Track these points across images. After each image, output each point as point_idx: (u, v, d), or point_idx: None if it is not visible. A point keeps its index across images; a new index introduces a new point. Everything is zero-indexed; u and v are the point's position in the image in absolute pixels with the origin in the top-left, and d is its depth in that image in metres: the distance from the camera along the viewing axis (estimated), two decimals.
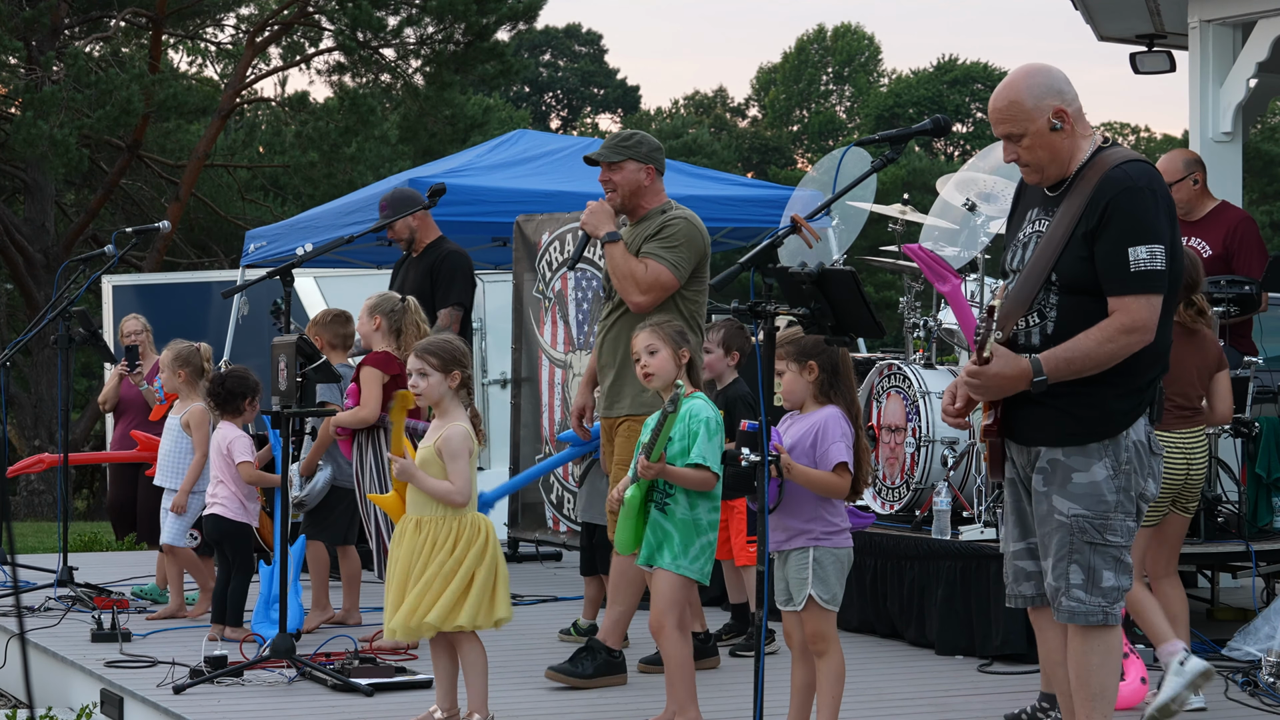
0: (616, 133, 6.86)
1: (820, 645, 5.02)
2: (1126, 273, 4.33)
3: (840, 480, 4.98)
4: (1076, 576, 4.45)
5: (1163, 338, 4.47)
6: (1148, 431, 4.50)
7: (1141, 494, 4.48)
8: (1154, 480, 4.52)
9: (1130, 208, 4.36)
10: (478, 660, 5.61)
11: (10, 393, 17.29)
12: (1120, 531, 4.45)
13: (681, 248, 6.43)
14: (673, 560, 5.39)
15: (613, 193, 6.60)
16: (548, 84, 57.17)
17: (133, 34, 26.13)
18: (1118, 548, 4.45)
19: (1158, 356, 4.47)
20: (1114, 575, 4.46)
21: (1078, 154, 4.52)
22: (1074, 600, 4.46)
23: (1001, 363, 4.40)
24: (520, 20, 25.19)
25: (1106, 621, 4.47)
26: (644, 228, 6.56)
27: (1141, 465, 4.46)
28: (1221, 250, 8.12)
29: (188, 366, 8.21)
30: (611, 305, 6.58)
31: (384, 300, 7.33)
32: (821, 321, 4.41)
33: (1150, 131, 60.17)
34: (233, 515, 7.39)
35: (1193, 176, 8.22)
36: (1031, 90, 4.49)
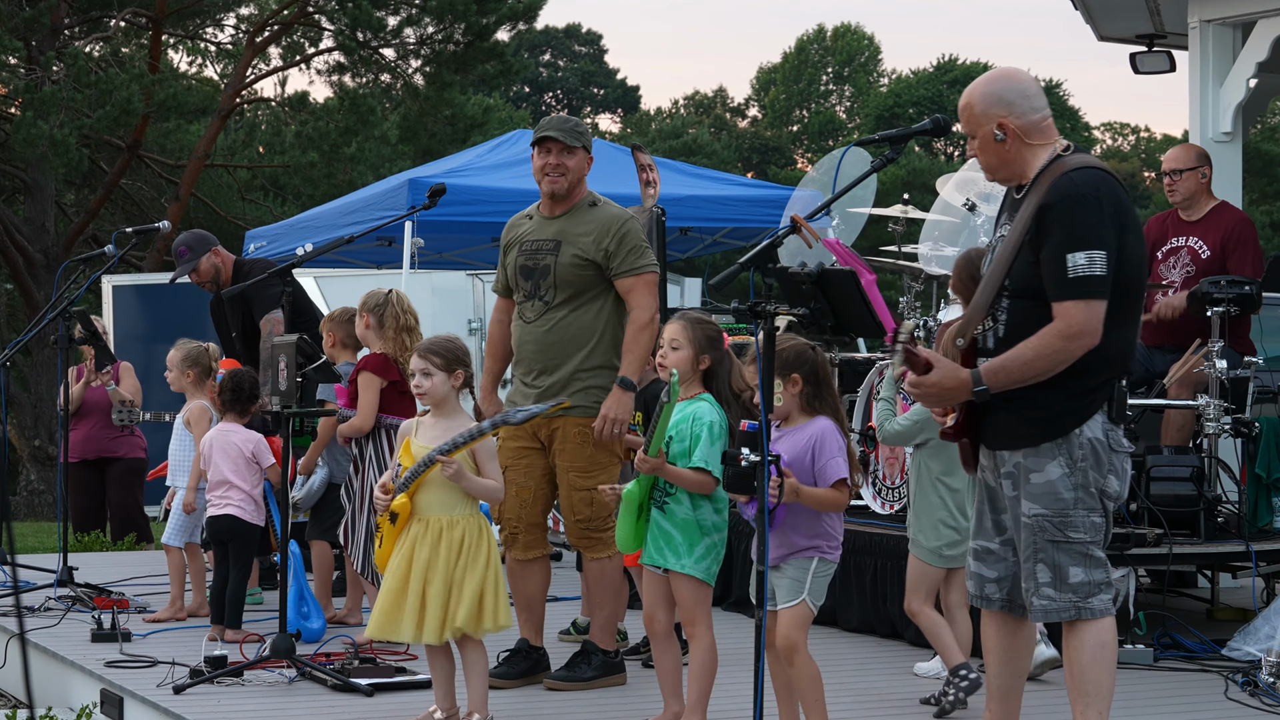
0: (563, 117, 6.67)
1: (790, 653, 5.04)
2: (1065, 278, 4.42)
3: (841, 496, 5.04)
4: (1044, 575, 4.54)
5: (1118, 340, 4.53)
6: (1106, 429, 4.55)
7: (1104, 491, 4.54)
8: (1116, 478, 4.56)
9: (1071, 215, 4.45)
10: (479, 661, 5.62)
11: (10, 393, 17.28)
12: (1083, 527, 4.52)
13: (645, 245, 6.47)
14: (678, 561, 5.37)
15: (561, 177, 6.42)
16: (548, 84, 57.16)
17: (133, 34, 26.12)
18: (1083, 544, 4.52)
19: (1110, 360, 4.53)
20: (1083, 571, 4.53)
21: (1034, 161, 4.62)
22: (1044, 599, 4.56)
23: (940, 373, 4.50)
24: (520, 20, 25.17)
25: (1081, 616, 4.54)
26: (581, 225, 6.42)
27: (1099, 462, 4.52)
28: (1218, 251, 8.12)
29: (196, 366, 8.23)
30: (544, 305, 6.42)
31: (369, 298, 7.34)
32: (821, 321, 4.41)
33: (1150, 131, 60.25)
34: (248, 517, 7.41)
35: (1202, 170, 8.24)
36: (984, 97, 4.63)
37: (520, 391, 6.45)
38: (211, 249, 8.34)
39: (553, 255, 6.41)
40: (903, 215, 8.33)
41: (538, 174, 6.48)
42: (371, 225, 9.85)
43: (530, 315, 6.45)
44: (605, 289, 6.45)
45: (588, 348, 6.40)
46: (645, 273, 6.41)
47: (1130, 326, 4.60)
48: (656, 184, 9.46)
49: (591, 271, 6.40)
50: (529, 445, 6.42)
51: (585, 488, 6.32)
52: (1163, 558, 7.19)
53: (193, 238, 8.42)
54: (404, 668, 6.54)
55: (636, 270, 6.40)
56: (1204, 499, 7.44)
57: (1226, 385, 7.56)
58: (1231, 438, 7.73)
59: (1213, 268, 8.07)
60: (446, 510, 5.57)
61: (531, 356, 6.43)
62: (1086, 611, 4.55)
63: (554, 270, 6.40)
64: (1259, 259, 8.15)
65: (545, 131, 6.45)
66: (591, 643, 6.42)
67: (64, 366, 8.99)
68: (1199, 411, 7.65)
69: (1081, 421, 4.49)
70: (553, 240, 6.43)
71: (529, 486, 6.41)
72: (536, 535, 6.46)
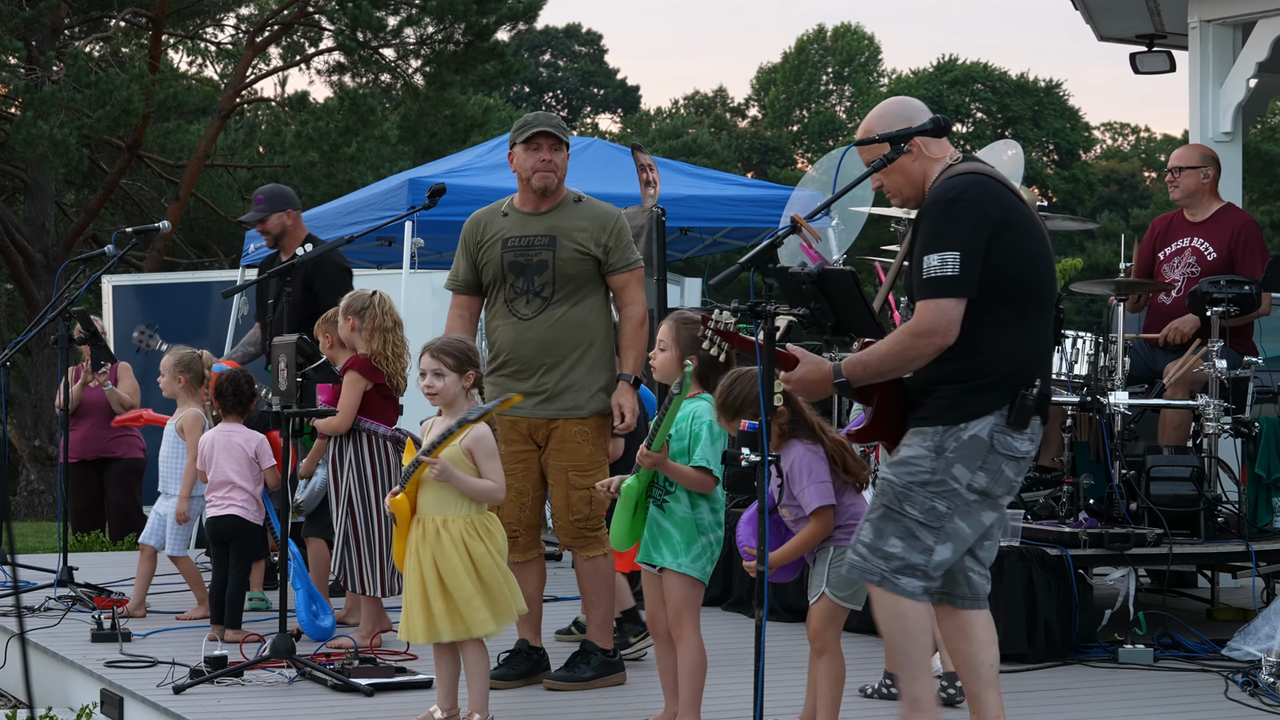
0: (548, 114, 6.62)
1: (819, 643, 5.08)
2: (921, 280, 4.55)
3: (824, 523, 5.09)
4: (866, 534, 4.66)
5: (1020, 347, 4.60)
6: (995, 430, 4.59)
7: (970, 485, 4.59)
8: (989, 477, 4.60)
9: (931, 218, 4.58)
10: (480, 661, 5.62)
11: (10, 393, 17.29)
12: (920, 508, 4.60)
13: (633, 244, 6.52)
14: (674, 559, 5.37)
15: (552, 173, 6.43)
16: (548, 84, 57.17)
17: (133, 34, 26.12)
18: (915, 522, 4.60)
19: (1006, 362, 4.59)
20: (903, 546, 4.61)
21: (930, 175, 4.73)
22: (856, 554, 4.68)
23: (805, 367, 4.64)
24: (520, 20, 25.18)
25: (883, 585, 4.62)
26: (574, 220, 6.43)
27: (971, 459, 4.58)
28: (1225, 254, 8.12)
29: (189, 372, 8.22)
30: (543, 301, 6.40)
31: (354, 299, 7.23)
32: (822, 321, 4.41)
33: (1150, 131, 60.27)
34: (250, 517, 7.42)
35: (1204, 170, 8.26)
36: (882, 119, 4.78)
37: (509, 389, 6.39)
38: (287, 209, 8.26)
39: (549, 250, 6.40)
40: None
41: (526, 170, 6.44)
42: (371, 225, 9.84)
43: (527, 312, 6.42)
44: (598, 284, 6.48)
45: (586, 345, 6.40)
46: (637, 267, 6.51)
47: (1034, 332, 4.64)
48: (656, 184, 9.46)
49: (590, 265, 6.42)
50: (525, 448, 6.42)
51: (584, 486, 6.32)
52: (1163, 558, 7.19)
53: (273, 190, 8.35)
54: (404, 668, 6.54)
55: (630, 265, 6.48)
56: (1204, 499, 7.44)
57: (1226, 385, 7.56)
58: (1231, 438, 7.74)
59: (1218, 269, 8.07)
60: (440, 510, 5.58)
61: (532, 354, 6.40)
62: (891, 585, 4.62)
63: (553, 265, 6.39)
64: (1264, 261, 8.15)
65: (541, 127, 6.42)
66: (590, 643, 6.42)
67: (64, 366, 8.99)
68: (1198, 411, 7.65)
69: (969, 418, 4.58)
70: (546, 235, 6.42)
71: (527, 490, 6.42)
72: (534, 536, 6.48)
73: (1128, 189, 52.59)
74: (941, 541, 4.62)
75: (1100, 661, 6.89)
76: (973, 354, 4.55)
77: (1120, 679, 6.60)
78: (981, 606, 4.79)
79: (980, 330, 4.54)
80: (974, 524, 4.66)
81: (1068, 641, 6.95)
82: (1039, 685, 6.48)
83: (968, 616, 4.78)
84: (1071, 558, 6.96)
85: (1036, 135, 52.10)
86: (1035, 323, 4.65)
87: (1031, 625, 6.90)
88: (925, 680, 4.71)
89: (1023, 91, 53.64)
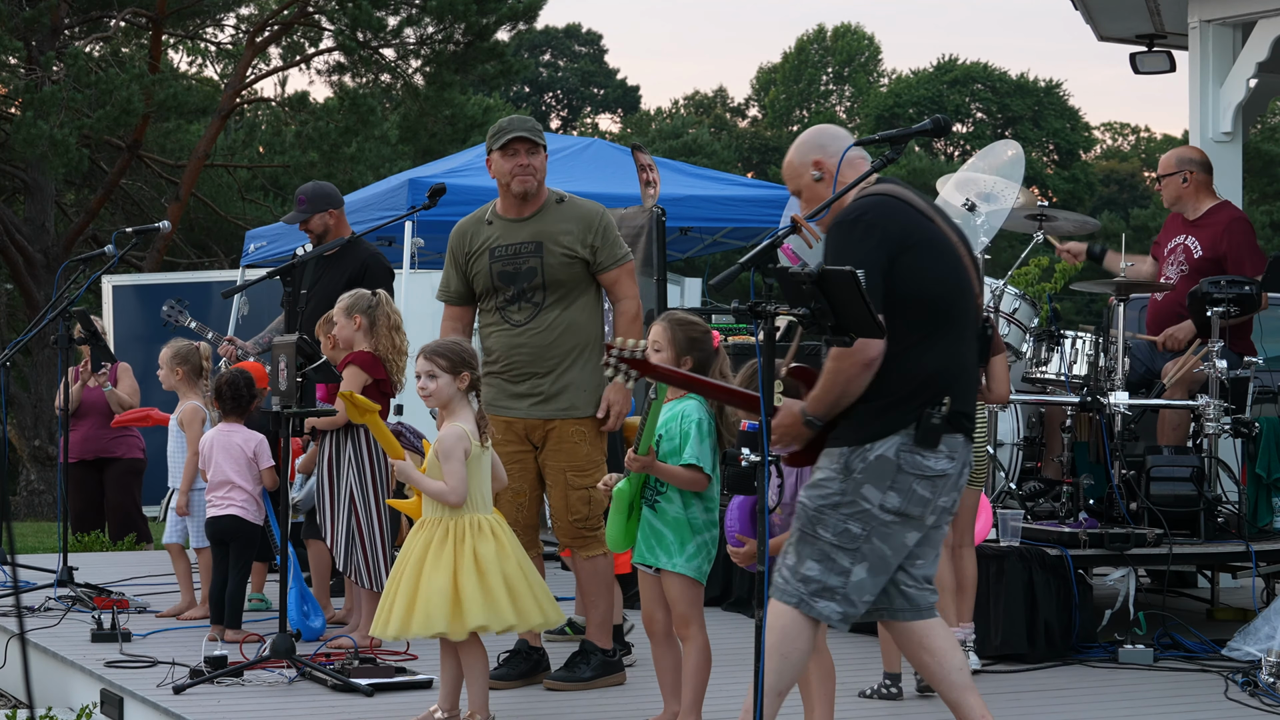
0: (522, 117, 6.58)
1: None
2: None
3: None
4: (789, 557, 4.69)
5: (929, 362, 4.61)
6: (901, 450, 4.60)
7: (883, 505, 4.60)
8: (901, 497, 4.60)
9: (832, 241, 4.65)
10: (479, 661, 5.63)
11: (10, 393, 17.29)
12: (833, 530, 4.60)
13: (619, 238, 6.53)
14: (669, 560, 5.37)
15: (531, 176, 6.40)
16: (548, 84, 57.16)
17: (133, 34, 26.12)
18: (829, 545, 4.61)
19: (910, 379, 4.60)
20: (819, 569, 4.62)
21: (846, 200, 4.78)
22: (780, 576, 4.69)
23: (781, 413, 4.73)
24: (520, 20, 25.17)
25: (800, 607, 4.63)
26: (558, 223, 6.41)
27: (879, 479, 4.58)
28: (1212, 251, 8.16)
29: (186, 365, 8.23)
30: (535, 307, 6.41)
31: (359, 299, 7.24)
32: (822, 321, 4.40)
33: (1150, 131, 60.27)
34: (250, 517, 7.42)
35: (1183, 174, 8.31)
36: (799, 149, 4.92)
37: (505, 392, 6.43)
38: (329, 209, 8.24)
39: (536, 257, 6.39)
40: None
41: (505, 176, 6.42)
42: (371, 225, 9.84)
43: (520, 318, 6.43)
44: (589, 284, 6.49)
45: (581, 347, 6.42)
46: (626, 262, 6.51)
47: (943, 351, 4.62)
48: (656, 184, 9.46)
49: (579, 268, 6.42)
50: (522, 448, 6.43)
51: (583, 486, 6.33)
52: (1163, 558, 7.19)
53: (315, 190, 8.31)
54: (404, 668, 6.54)
55: (619, 261, 6.48)
56: (1204, 499, 7.45)
57: (1226, 385, 7.57)
58: (1231, 438, 7.74)
59: (1205, 266, 8.11)
60: (435, 511, 5.66)
61: (526, 360, 6.41)
62: (808, 608, 4.63)
63: (541, 271, 6.39)
64: (1256, 255, 8.17)
65: (517, 132, 6.39)
66: (590, 642, 6.42)
67: (64, 366, 8.99)
68: (1198, 412, 7.66)
69: (874, 438, 4.59)
70: (532, 242, 6.41)
71: (524, 490, 6.43)
72: (532, 536, 6.48)
73: (1128, 189, 52.58)
74: (858, 562, 4.62)
75: (1100, 661, 6.89)
76: (879, 374, 4.55)
77: (1120, 679, 6.60)
78: (925, 617, 4.78)
79: (885, 350, 4.54)
80: (895, 545, 4.65)
81: (1068, 641, 6.96)
82: (1039, 685, 6.48)
83: (918, 629, 4.77)
84: (1071, 558, 6.96)
85: (1036, 135, 52.10)
86: (945, 341, 4.65)
87: (1031, 625, 6.90)
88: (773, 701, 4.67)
89: (1023, 91, 53.64)
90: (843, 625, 4.69)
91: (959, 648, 4.82)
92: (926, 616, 4.78)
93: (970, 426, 4.75)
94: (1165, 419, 7.89)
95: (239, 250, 15.08)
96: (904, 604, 4.78)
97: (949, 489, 4.70)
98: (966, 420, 4.72)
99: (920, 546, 4.75)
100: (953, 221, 4.90)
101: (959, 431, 4.69)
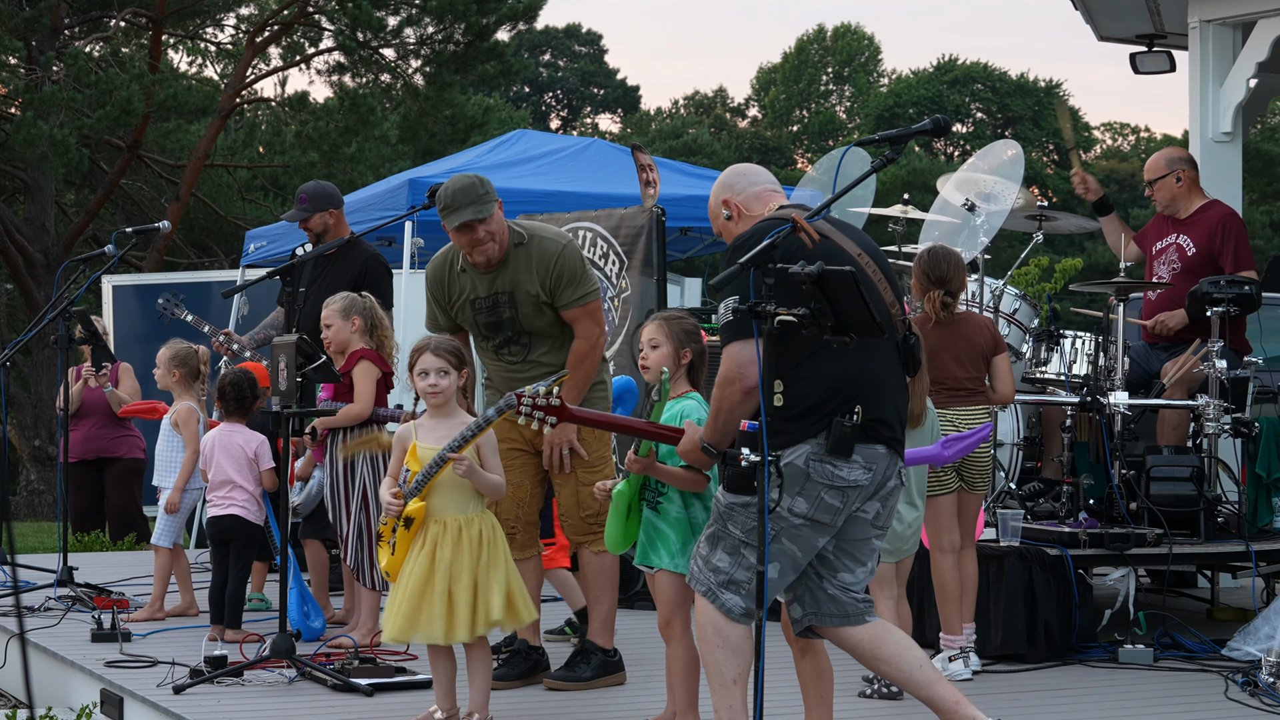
0: (458, 187, 6.26)
1: (800, 644, 5.07)
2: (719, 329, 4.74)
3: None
4: (703, 547, 4.77)
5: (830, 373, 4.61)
6: (811, 459, 4.61)
7: (791, 510, 4.63)
8: (809, 503, 4.62)
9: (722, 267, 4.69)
10: (483, 661, 5.62)
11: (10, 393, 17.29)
12: (743, 528, 4.67)
13: (583, 271, 6.38)
14: (670, 560, 5.37)
15: (490, 243, 6.28)
16: (548, 84, 57.17)
17: (133, 34, 26.11)
18: (739, 541, 4.68)
19: (815, 387, 4.61)
20: (729, 562, 4.70)
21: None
22: (695, 564, 4.79)
23: (684, 440, 4.97)
24: (520, 20, 25.17)
25: (707, 596, 4.71)
26: (522, 269, 6.32)
27: (789, 485, 4.61)
28: (1205, 249, 8.19)
29: (184, 367, 8.25)
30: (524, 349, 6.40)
31: (354, 301, 7.27)
32: (822, 321, 4.40)
33: (1150, 131, 60.24)
34: (251, 518, 7.42)
35: (1175, 174, 8.34)
36: (714, 192, 5.09)
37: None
38: (329, 209, 8.25)
39: (511, 307, 6.37)
40: (903, 215, 8.33)
41: (463, 248, 6.30)
42: (371, 225, 9.84)
43: (514, 358, 6.46)
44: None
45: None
46: (588, 302, 6.36)
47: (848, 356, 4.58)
48: (656, 184, 9.45)
49: (550, 311, 6.37)
50: (520, 447, 6.43)
51: (593, 481, 6.33)
52: (1163, 558, 7.19)
53: (317, 190, 8.32)
54: (404, 668, 6.54)
55: (580, 300, 6.34)
56: (1204, 499, 7.45)
57: (1226, 385, 7.57)
58: (1231, 438, 7.74)
59: (1198, 264, 8.13)
60: (461, 509, 5.58)
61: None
62: (714, 598, 4.70)
63: (519, 321, 6.38)
64: (1248, 252, 8.20)
65: (461, 218, 6.20)
66: (591, 642, 6.42)
67: (64, 366, 8.99)
68: (1198, 411, 7.66)
69: (784, 445, 4.61)
70: (505, 292, 6.38)
71: (525, 486, 6.43)
72: (531, 534, 6.49)
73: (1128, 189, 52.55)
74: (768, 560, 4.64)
75: (1100, 661, 6.89)
76: (787, 386, 4.55)
77: (1120, 679, 6.61)
78: (859, 623, 4.77)
79: (789, 363, 4.57)
80: (804, 546, 4.69)
81: (1068, 641, 6.96)
82: (1039, 685, 6.48)
83: (866, 642, 4.77)
84: (1071, 558, 6.96)
85: (1036, 135, 52.11)
86: (847, 350, 4.60)
87: (1031, 625, 6.90)
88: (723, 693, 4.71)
89: (1023, 91, 53.65)
90: (745, 620, 4.72)
91: (913, 646, 4.81)
92: (856, 623, 4.78)
93: (891, 437, 4.71)
94: (1165, 419, 7.89)
95: (239, 250, 15.07)
96: (832, 609, 4.79)
97: (861, 499, 4.69)
98: (885, 429, 4.69)
99: (842, 556, 4.77)
100: (861, 235, 4.93)
101: (878, 442, 4.67)
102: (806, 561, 4.73)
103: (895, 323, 4.83)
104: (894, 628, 4.87)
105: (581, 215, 9.70)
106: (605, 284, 9.43)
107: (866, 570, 4.84)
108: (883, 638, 4.78)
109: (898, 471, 4.79)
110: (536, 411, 5.06)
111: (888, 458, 4.71)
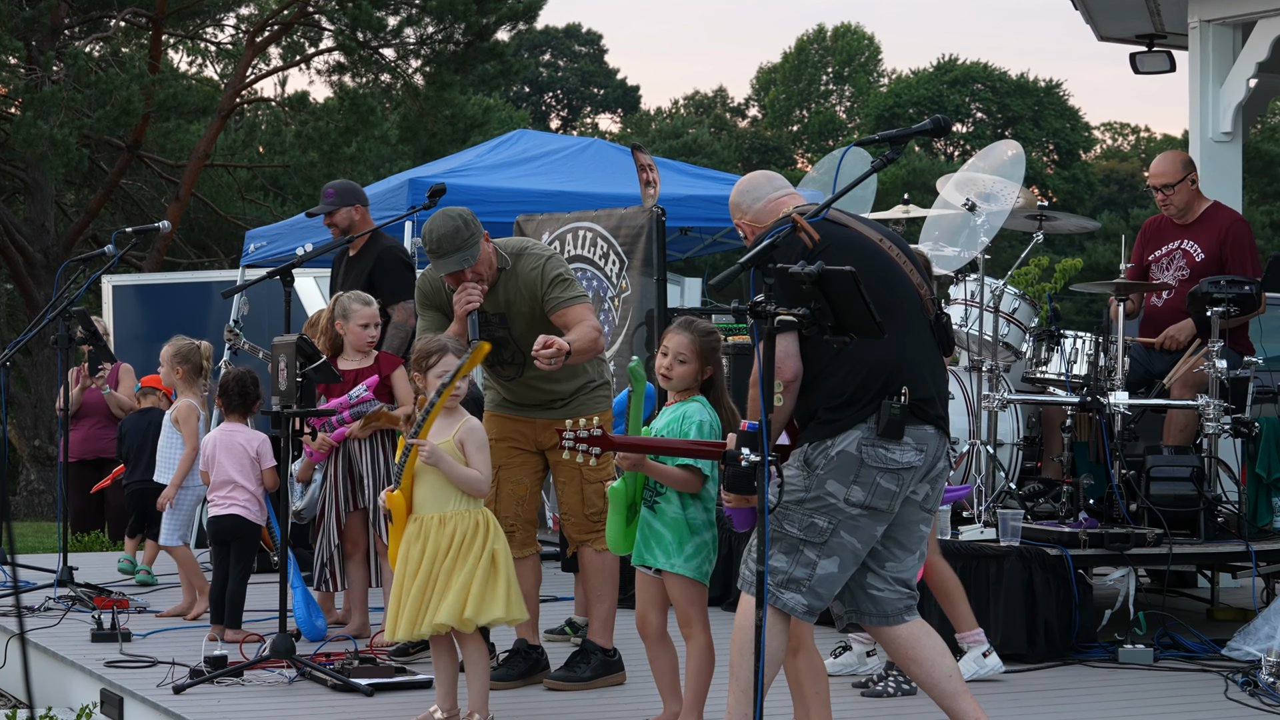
0: (443, 232, 6.14)
1: (793, 641, 5.06)
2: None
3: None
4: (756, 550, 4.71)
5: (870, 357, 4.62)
6: (863, 444, 4.63)
7: (848, 499, 4.63)
8: (865, 490, 4.63)
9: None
10: (480, 660, 5.62)
11: (10, 393, 17.29)
12: (799, 525, 4.66)
13: (568, 277, 6.34)
14: (667, 560, 5.36)
15: (480, 282, 6.25)
16: (548, 84, 57.17)
17: (133, 34, 26.12)
18: (795, 540, 4.67)
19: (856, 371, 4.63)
20: (787, 562, 4.68)
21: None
22: (747, 568, 4.74)
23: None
24: (520, 20, 25.18)
25: (768, 601, 4.65)
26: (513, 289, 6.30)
27: (843, 474, 4.62)
28: (1215, 254, 8.12)
29: (187, 364, 8.25)
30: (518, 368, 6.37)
31: (370, 307, 7.35)
32: (822, 321, 4.40)
33: (1150, 131, 60.25)
34: (252, 517, 7.43)
35: (1190, 178, 8.25)
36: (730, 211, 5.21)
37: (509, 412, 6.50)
38: (355, 204, 8.31)
39: (504, 328, 6.36)
40: (903, 215, 8.33)
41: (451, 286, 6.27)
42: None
43: (510, 374, 6.46)
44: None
45: (578, 376, 6.45)
46: (576, 303, 6.28)
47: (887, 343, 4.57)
48: (656, 184, 9.46)
49: (545, 324, 6.34)
50: (520, 446, 6.45)
51: (598, 480, 6.35)
52: (1163, 558, 7.19)
53: (343, 185, 8.42)
54: (404, 668, 6.54)
55: (569, 301, 6.28)
56: (1204, 499, 7.45)
57: (1226, 385, 7.56)
58: (1231, 438, 7.74)
59: (1208, 270, 8.08)
60: (438, 507, 5.60)
61: (526, 397, 6.48)
62: (774, 599, 4.68)
63: (513, 341, 6.37)
64: (1257, 259, 8.16)
65: (447, 268, 6.18)
66: (591, 642, 6.42)
67: (64, 366, 8.99)
68: (1198, 411, 7.65)
69: (835, 434, 4.63)
70: (496, 313, 6.37)
71: (524, 484, 6.44)
72: (530, 533, 6.49)
73: (1128, 189, 52.58)
74: (826, 556, 4.66)
75: (1100, 661, 6.89)
76: (828, 375, 4.60)
77: (1120, 679, 6.61)
78: (895, 624, 4.79)
79: (827, 352, 4.59)
80: (863, 537, 4.69)
81: (1068, 641, 6.96)
82: (1039, 685, 6.48)
83: (903, 640, 4.78)
84: (1071, 558, 6.96)
85: (1036, 135, 52.11)
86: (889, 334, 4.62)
87: (1031, 625, 6.90)
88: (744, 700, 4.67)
89: (1023, 91, 53.65)
90: (809, 618, 4.72)
91: (946, 654, 4.82)
92: (896, 623, 4.79)
93: (937, 416, 4.74)
94: (1172, 419, 7.88)
95: (239, 250, 15.07)
96: (871, 608, 4.80)
97: (915, 481, 4.71)
98: (931, 409, 4.72)
99: (890, 545, 4.77)
100: (878, 225, 4.94)
101: (926, 422, 4.70)
102: (866, 553, 4.72)
103: (925, 303, 4.85)
104: (931, 631, 4.86)
105: (581, 215, 9.71)
106: (605, 284, 9.43)
107: (915, 559, 4.84)
108: (920, 640, 4.79)
109: (946, 452, 4.80)
110: (580, 445, 5.06)
111: (937, 438, 4.73)
